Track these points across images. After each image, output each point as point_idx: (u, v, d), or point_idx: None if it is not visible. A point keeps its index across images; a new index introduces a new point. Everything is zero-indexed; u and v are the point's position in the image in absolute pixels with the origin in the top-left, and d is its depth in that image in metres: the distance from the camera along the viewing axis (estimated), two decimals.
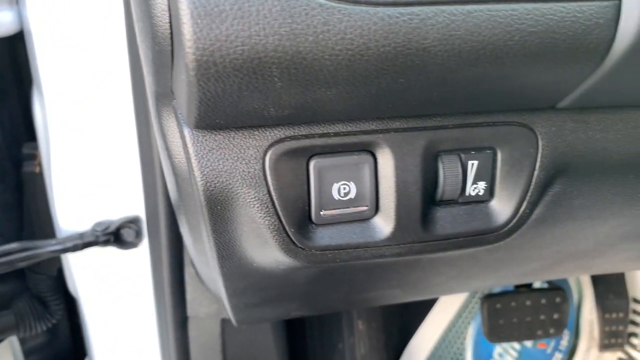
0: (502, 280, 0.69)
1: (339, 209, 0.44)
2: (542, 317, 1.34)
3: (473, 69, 0.36)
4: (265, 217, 0.42)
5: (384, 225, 0.45)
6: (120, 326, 0.90)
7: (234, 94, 0.35)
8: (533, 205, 0.47)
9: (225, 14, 0.31)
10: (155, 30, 0.35)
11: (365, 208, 0.44)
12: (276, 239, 0.43)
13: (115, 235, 0.83)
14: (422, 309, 1.47)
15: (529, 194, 0.46)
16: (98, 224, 0.82)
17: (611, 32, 0.36)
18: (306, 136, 0.41)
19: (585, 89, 0.40)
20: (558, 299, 1.34)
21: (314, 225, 0.44)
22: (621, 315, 1.43)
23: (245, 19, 0.32)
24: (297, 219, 0.43)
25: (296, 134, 0.41)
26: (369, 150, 0.43)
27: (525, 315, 1.33)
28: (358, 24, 0.33)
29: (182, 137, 0.41)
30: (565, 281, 1.49)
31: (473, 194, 0.46)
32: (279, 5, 0.32)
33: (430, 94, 0.38)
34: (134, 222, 0.83)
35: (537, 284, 1.44)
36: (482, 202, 0.47)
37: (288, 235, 0.43)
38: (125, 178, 0.79)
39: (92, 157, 0.77)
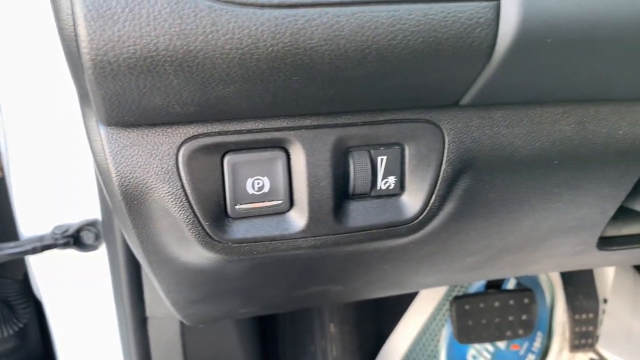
0: (446, 276, 0.71)
1: (253, 203, 0.46)
2: (511, 318, 1.35)
3: (362, 67, 0.38)
4: (179, 211, 0.44)
5: (298, 218, 0.47)
6: (83, 328, 0.92)
7: (134, 92, 0.37)
8: (442, 199, 0.49)
9: (117, 16, 0.34)
10: (63, 33, 0.37)
11: (279, 202, 0.46)
12: (192, 232, 0.45)
13: (75, 238, 0.84)
14: (396, 311, 1.49)
15: (437, 187, 0.48)
16: (57, 227, 0.84)
17: (492, 31, 0.38)
18: (219, 133, 0.43)
19: (481, 86, 0.42)
20: (526, 300, 1.35)
21: (230, 219, 0.46)
22: (591, 316, 1.45)
23: (136, 21, 0.34)
24: (212, 213, 0.45)
25: (209, 131, 0.43)
26: (282, 147, 0.45)
27: (494, 316, 1.35)
28: (246, 24, 0.35)
29: (100, 135, 0.43)
30: (537, 283, 1.50)
31: (384, 188, 0.48)
32: (169, 7, 0.34)
33: (327, 91, 0.40)
34: (92, 224, 0.85)
35: (510, 286, 1.45)
36: (393, 195, 0.49)
37: (204, 229, 0.45)
38: (84, 181, 0.81)
39: (50, 162, 0.79)
